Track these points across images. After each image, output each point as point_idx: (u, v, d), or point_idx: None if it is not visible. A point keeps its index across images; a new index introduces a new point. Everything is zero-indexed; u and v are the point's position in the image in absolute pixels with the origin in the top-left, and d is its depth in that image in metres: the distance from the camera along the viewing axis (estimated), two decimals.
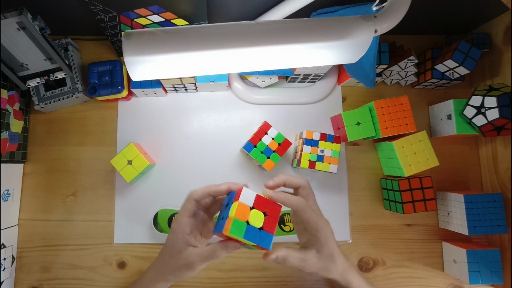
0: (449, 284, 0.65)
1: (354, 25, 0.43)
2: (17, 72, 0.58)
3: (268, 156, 0.61)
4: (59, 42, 0.64)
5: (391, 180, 0.64)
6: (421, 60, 0.69)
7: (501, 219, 0.60)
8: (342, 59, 0.46)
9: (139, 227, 0.64)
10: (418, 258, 0.66)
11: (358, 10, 0.52)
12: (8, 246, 0.61)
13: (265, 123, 0.61)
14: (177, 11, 0.56)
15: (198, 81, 0.63)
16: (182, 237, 0.46)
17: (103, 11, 0.55)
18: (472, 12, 0.64)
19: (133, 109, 0.68)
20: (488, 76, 0.67)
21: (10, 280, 0.61)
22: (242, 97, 0.69)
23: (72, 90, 0.63)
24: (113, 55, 0.69)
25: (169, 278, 0.48)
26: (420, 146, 0.61)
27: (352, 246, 0.66)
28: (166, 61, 0.43)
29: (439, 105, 0.67)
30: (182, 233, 0.46)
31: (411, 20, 0.48)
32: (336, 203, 0.67)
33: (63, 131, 0.67)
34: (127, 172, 0.60)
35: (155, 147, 0.66)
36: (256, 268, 0.64)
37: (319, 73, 0.64)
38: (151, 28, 0.50)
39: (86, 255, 0.64)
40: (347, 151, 0.69)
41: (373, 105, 0.62)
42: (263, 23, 0.43)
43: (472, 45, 0.61)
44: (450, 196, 0.64)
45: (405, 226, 0.67)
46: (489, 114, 0.57)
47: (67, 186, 0.66)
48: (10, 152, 0.61)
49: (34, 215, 0.65)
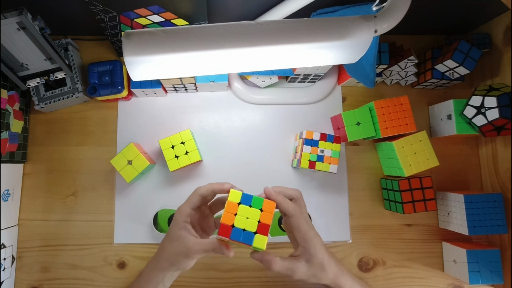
0: (449, 284, 0.65)
1: (354, 25, 0.43)
2: (17, 72, 0.58)
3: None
4: (59, 42, 0.64)
5: (391, 180, 0.64)
6: (421, 60, 0.69)
7: (501, 219, 0.60)
8: (342, 59, 0.46)
9: (139, 227, 0.64)
10: (418, 258, 0.66)
11: (358, 10, 0.52)
12: (8, 246, 0.61)
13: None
14: (177, 11, 0.56)
15: (198, 81, 0.63)
16: (183, 224, 0.47)
17: (103, 11, 0.55)
18: (472, 12, 0.64)
19: (133, 109, 0.68)
20: (488, 76, 0.67)
21: (10, 280, 0.61)
22: (242, 97, 0.69)
23: (72, 90, 0.63)
24: (113, 55, 0.69)
25: (164, 265, 0.48)
26: (420, 146, 0.61)
27: (352, 246, 0.66)
28: (166, 61, 0.43)
29: (439, 105, 0.67)
30: (183, 221, 0.47)
31: (411, 20, 0.48)
32: (336, 203, 0.67)
33: (63, 131, 0.67)
34: (127, 172, 0.60)
35: (155, 147, 0.66)
36: (256, 268, 0.64)
37: (319, 73, 0.64)
38: (151, 28, 0.50)
39: (86, 255, 0.64)
40: (347, 151, 0.69)
41: (373, 105, 0.62)
42: (263, 23, 0.43)
43: (472, 45, 0.61)
44: (450, 196, 0.64)
45: (405, 226, 0.67)
46: (489, 114, 0.57)
47: (67, 186, 0.66)
48: (10, 152, 0.61)
49: (34, 215, 0.65)
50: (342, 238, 0.66)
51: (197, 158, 0.61)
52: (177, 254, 0.46)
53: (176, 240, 0.46)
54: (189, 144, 0.61)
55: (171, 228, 0.48)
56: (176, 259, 0.47)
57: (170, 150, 0.60)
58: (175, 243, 0.46)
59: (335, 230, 0.66)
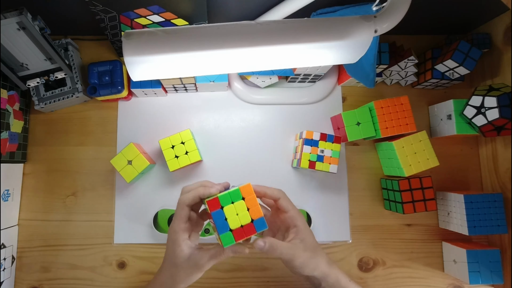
0: (449, 284, 0.65)
1: (354, 25, 0.43)
2: (17, 72, 0.58)
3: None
4: (59, 42, 0.64)
5: (391, 180, 0.64)
6: (421, 60, 0.69)
7: (501, 219, 0.60)
8: (342, 59, 0.46)
9: (139, 227, 0.64)
10: (418, 258, 0.66)
11: (358, 10, 0.52)
12: (8, 246, 0.61)
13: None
14: (177, 11, 0.56)
15: (198, 81, 0.63)
16: (185, 244, 0.46)
17: (103, 11, 0.55)
18: (472, 12, 0.64)
19: (133, 109, 0.68)
20: (488, 76, 0.67)
21: (10, 280, 0.61)
22: (242, 97, 0.69)
23: (72, 90, 0.63)
24: (113, 55, 0.69)
25: (180, 287, 0.48)
26: (420, 146, 0.61)
27: (352, 246, 0.66)
28: (166, 61, 0.43)
29: (439, 105, 0.67)
30: (183, 240, 0.46)
31: (411, 20, 0.48)
32: (336, 203, 0.67)
33: (63, 131, 0.67)
34: (127, 172, 0.60)
35: (155, 147, 0.66)
36: (256, 268, 0.64)
37: (319, 73, 0.64)
38: (151, 28, 0.50)
39: (86, 255, 0.64)
40: (347, 151, 0.69)
41: (373, 105, 0.62)
42: (263, 23, 0.43)
43: (472, 45, 0.61)
44: (450, 196, 0.64)
45: (405, 226, 0.67)
46: (489, 114, 0.57)
47: (67, 186, 0.66)
48: (10, 152, 0.61)
49: (34, 215, 0.65)
50: (342, 238, 0.66)
51: (197, 158, 0.61)
52: (190, 273, 0.46)
53: (185, 263, 0.46)
54: (189, 144, 0.61)
55: (173, 253, 0.47)
56: (191, 279, 0.47)
57: (170, 150, 0.60)
58: (184, 265, 0.46)
59: (335, 230, 0.66)
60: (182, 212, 0.47)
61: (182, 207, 0.47)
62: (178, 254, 0.46)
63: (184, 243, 0.46)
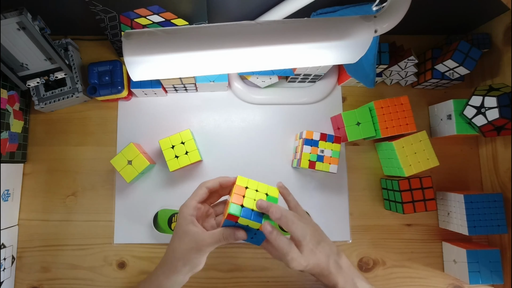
0: (449, 284, 0.65)
1: (354, 25, 0.43)
2: (17, 72, 0.58)
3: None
4: (59, 42, 0.64)
5: (391, 180, 0.64)
6: (421, 60, 0.69)
7: (501, 219, 0.60)
8: (342, 59, 0.46)
9: (139, 227, 0.64)
10: (418, 258, 0.66)
11: (358, 10, 0.52)
12: (8, 246, 0.61)
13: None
14: (177, 11, 0.56)
15: (198, 81, 0.63)
16: (191, 219, 0.47)
17: (103, 11, 0.55)
18: (472, 12, 0.64)
19: (133, 109, 0.68)
20: (488, 76, 0.67)
21: (10, 280, 0.61)
22: (242, 97, 0.69)
23: (72, 90, 0.63)
24: (113, 55, 0.69)
25: (177, 265, 0.47)
26: (420, 146, 0.61)
27: (352, 246, 0.66)
28: (166, 61, 0.43)
29: (439, 105, 0.67)
30: (190, 215, 0.47)
31: (411, 20, 0.48)
32: (336, 203, 0.67)
33: (63, 131, 0.67)
34: (127, 172, 0.60)
35: (155, 147, 0.66)
36: (256, 268, 0.64)
37: (319, 73, 0.64)
38: (151, 28, 0.50)
39: (86, 255, 0.64)
40: (347, 151, 0.69)
41: (373, 105, 0.62)
42: (263, 23, 0.43)
43: (472, 45, 0.61)
44: (450, 196, 0.64)
45: (405, 226, 0.67)
46: (489, 114, 0.57)
47: (67, 186, 0.66)
48: (10, 152, 0.61)
49: (34, 215, 0.65)
50: (342, 238, 0.66)
51: (197, 158, 0.61)
52: (188, 251, 0.46)
53: (186, 236, 0.46)
54: (189, 144, 0.61)
55: (179, 225, 0.47)
56: (189, 256, 0.46)
57: (170, 150, 0.60)
58: (185, 239, 0.46)
59: (335, 230, 0.66)
60: (199, 191, 0.49)
61: (201, 187, 0.49)
62: (181, 223, 0.47)
63: (190, 218, 0.47)
